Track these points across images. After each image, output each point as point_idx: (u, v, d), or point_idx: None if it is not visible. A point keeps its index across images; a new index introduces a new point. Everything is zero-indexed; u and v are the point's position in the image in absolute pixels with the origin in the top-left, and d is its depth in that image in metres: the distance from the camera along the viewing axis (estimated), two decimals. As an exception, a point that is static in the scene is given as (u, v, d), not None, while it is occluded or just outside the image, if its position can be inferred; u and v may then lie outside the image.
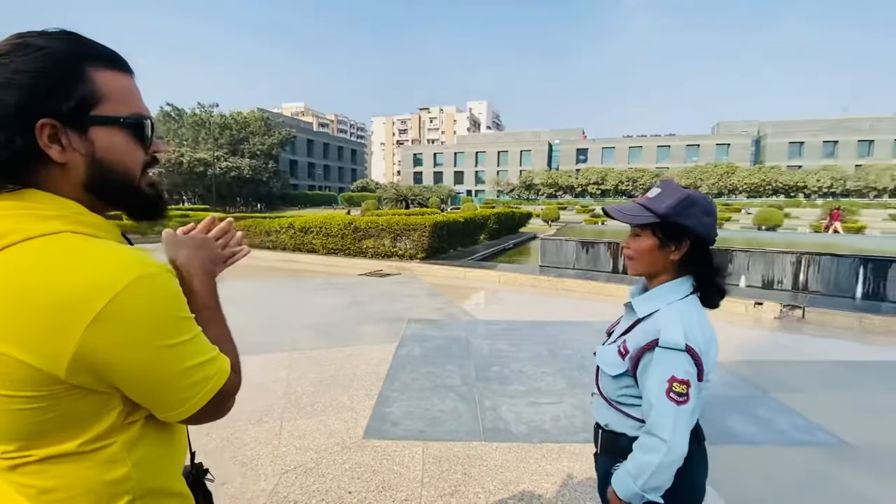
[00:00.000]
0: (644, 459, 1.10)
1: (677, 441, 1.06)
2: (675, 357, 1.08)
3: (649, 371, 1.11)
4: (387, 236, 10.95)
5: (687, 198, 1.15)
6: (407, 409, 3.44)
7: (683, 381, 1.07)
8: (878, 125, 61.11)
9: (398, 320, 5.95)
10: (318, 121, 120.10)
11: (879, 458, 2.91)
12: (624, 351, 1.19)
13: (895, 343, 5.33)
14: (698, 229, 1.15)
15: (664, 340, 1.09)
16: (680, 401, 1.07)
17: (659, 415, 1.08)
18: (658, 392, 1.09)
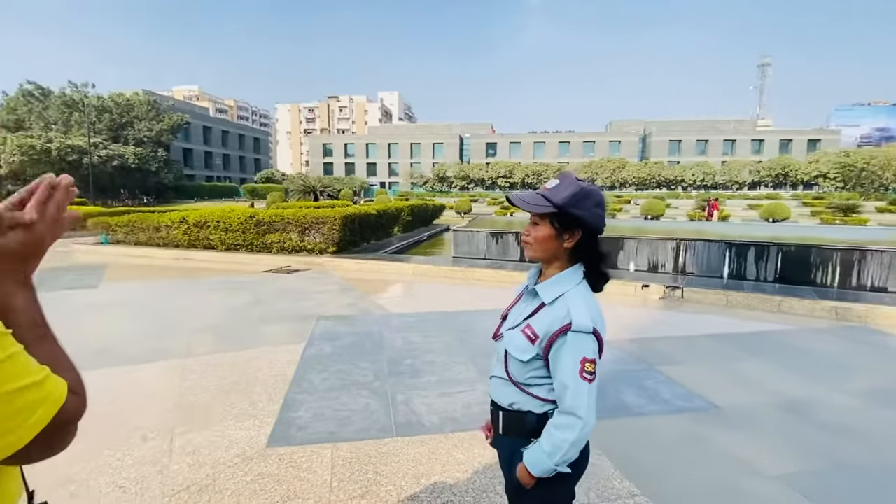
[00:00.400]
0: (561, 437, 1.17)
1: (591, 416, 1.17)
2: (586, 339, 1.17)
3: (563, 354, 1.18)
4: (294, 230, 10.43)
5: (581, 190, 1.22)
6: (315, 411, 3.29)
7: (592, 360, 1.17)
8: (739, 127, 70.42)
9: (307, 318, 5.69)
10: (216, 106, 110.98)
11: (743, 418, 3.34)
12: (533, 336, 1.23)
13: (753, 316, 6.17)
14: (590, 220, 1.23)
15: (576, 325, 1.16)
16: (591, 379, 1.17)
17: (575, 394, 1.16)
18: (573, 373, 1.16)
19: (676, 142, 67.17)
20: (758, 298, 6.56)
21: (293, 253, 10.37)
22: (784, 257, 7.84)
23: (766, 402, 3.57)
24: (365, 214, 11.42)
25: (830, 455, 2.87)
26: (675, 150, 66.91)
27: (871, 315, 5.92)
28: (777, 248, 7.92)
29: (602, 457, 2.76)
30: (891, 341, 5.17)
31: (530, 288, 1.33)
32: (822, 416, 3.36)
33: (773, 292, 6.77)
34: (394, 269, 9.12)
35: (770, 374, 4.14)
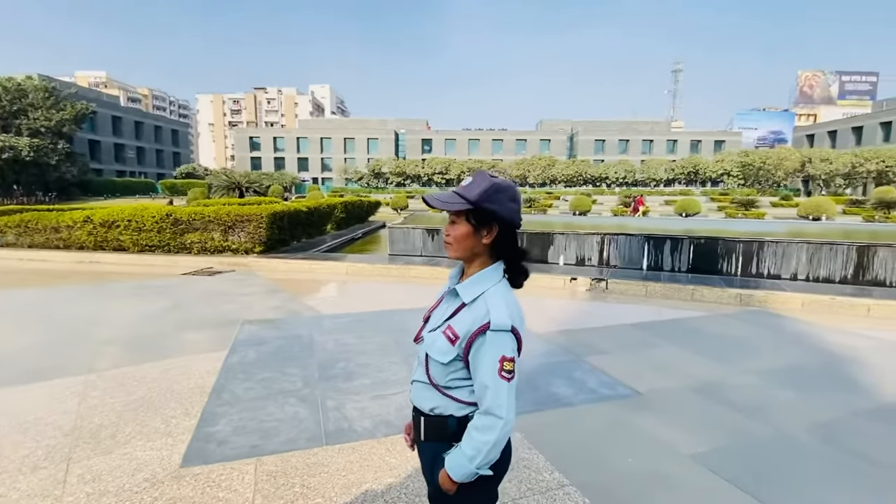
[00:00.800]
0: (482, 439, 1.15)
1: (511, 415, 1.16)
2: (504, 338, 1.16)
3: (482, 353, 1.17)
4: (216, 229, 9.78)
5: (493, 185, 1.21)
6: (237, 423, 3.07)
7: (511, 359, 1.16)
8: (656, 128, 75.66)
9: (230, 323, 5.34)
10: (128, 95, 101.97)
11: (662, 402, 3.55)
12: (453, 336, 1.21)
13: (670, 305, 6.62)
14: (505, 214, 1.22)
15: (495, 324, 1.15)
16: (510, 378, 1.16)
17: (495, 394, 1.15)
18: (492, 372, 1.15)
19: (601, 141, 70.92)
20: (673, 288, 7.05)
21: (216, 254, 9.73)
22: (695, 249, 8.49)
23: (682, 386, 3.82)
24: (294, 212, 10.95)
25: (737, 432, 3.12)
26: (600, 148, 70.63)
27: (769, 300, 6.56)
28: (689, 240, 8.56)
29: (533, 449, 2.81)
30: (786, 323, 5.75)
31: (450, 288, 1.30)
32: (730, 396, 3.64)
33: (687, 282, 7.31)
34: (326, 268, 8.82)
35: (685, 359, 4.45)
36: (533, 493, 2.42)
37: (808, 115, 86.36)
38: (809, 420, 3.27)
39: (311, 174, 71.69)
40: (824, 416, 3.34)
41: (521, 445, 2.85)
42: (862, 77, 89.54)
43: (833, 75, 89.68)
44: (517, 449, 2.80)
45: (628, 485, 2.54)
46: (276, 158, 72.92)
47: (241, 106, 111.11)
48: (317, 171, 72.50)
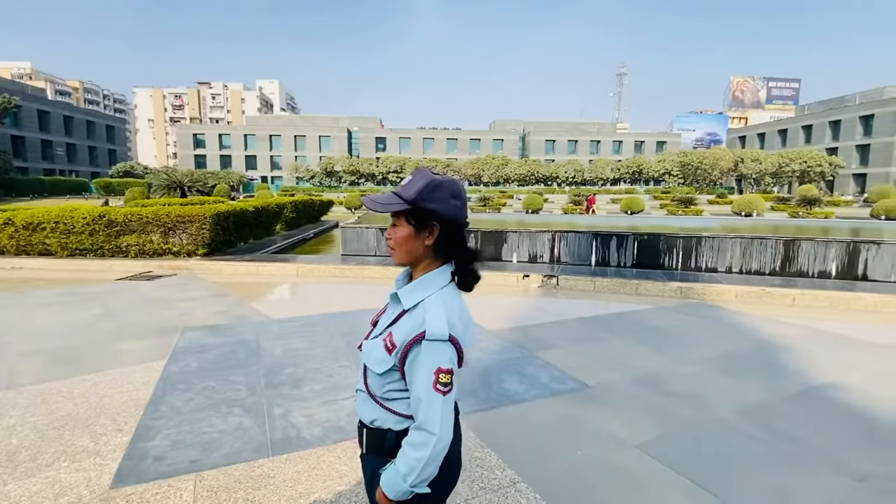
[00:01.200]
0: (415, 456, 1.08)
1: (445, 431, 1.09)
2: (440, 348, 1.08)
3: (417, 365, 1.10)
4: (156, 230, 9.23)
5: (431, 182, 1.15)
6: (175, 437, 2.89)
7: (448, 370, 1.09)
8: (602, 129, 78.54)
9: (170, 331, 5.04)
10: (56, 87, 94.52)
11: (609, 394, 3.66)
12: (391, 345, 1.15)
13: (616, 299, 6.88)
14: (446, 212, 1.15)
15: (430, 333, 1.08)
16: (445, 391, 1.08)
17: (428, 409, 1.08)
18: (426, 386, 1.08)
19: (551, 141, 72.80)
20: (619, 283, 7.32)
21: (155, 257, 9.18)
22: (639, 245, 8.86)
23: (627, 378, 3.97)
24: (241, 211, 10.52)
25: (677, 419, 3.27)
26: (551, 149, 72.49)
27: (706, 292, 6.94)
28: (634, 237, 8.93)
29: (485, 448, 2.82)
30: (721, 314, 6.10)
31: (393, 293, 1.24)
32: (671, 385, 3.82)
33: (632, 276, 7.61)
34: (275, 270, 8.53)
35: (629, 352, 4.63)
36: (485, 491, 2.42)
37: (740, 118, 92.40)
38: (741, 404, 3.47)
39: (259, 173, 69.23)
40: (754, 400, 3.56)
41: (474, 444, 2.85)
42: (787, 83, 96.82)
43: (761, 81, 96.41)
44: (470, 448, 2.80)
45: (578, 477, 2.59)
46: (222, 156, 69.88)
47: (183, 101, 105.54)
48: (266, 170, 70.11)
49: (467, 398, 3.52)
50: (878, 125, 52.71)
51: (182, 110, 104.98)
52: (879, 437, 3.07)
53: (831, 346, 4.89)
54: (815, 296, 6.66)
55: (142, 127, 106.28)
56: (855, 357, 4.56)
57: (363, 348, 1.24)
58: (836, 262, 8.14)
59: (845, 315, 6.20)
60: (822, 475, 2.63)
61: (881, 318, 6.11)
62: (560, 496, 2.42)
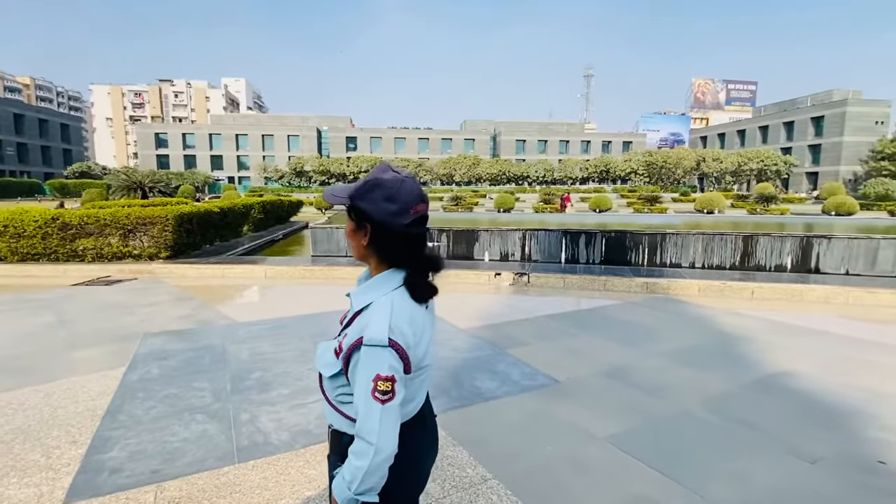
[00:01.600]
0: (356, 464, 1.05)
1: (385, 441, 1.04)
2: (380, 354, 1.03)
3: (357, 371, 1.07)
4: (114, 233, 8.85)
5: (372, 181, 1.11)
6: (135, 448, 2.78)
7: (388, 377, 1.03)
8: (571, 129, 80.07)
9: (130, 337, 4.84)
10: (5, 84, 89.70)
11: (579, 389, 3.72)
12: (339, 349, 1.12)
13: (585, 295, 7.00)
14: (375, 214, 1.10)
15: (368, 338, 1.04)
16: (385, 399, 1.03)
17: (365, 417, 1.04)
18: (364, 393, 1.04)
19: (521, 141, 73.67)
20: (588, 279, 7.46)
21: (114, 261, 8.81)
22: (607, 242, 9.06)
23: (596, 372, 4.04)
24: (205, 213, 10.20)
25: (644, 411, 3.35)
26: (521, 148, 73.36)
27: (671, 287, 7.15)
28: (602, 234, 9.12)
29: (457, 446, 2.82)
30: (685, 308, 6.30)
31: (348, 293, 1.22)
32: (637, 378, 3.91)
33: (600, 273, 7.77)
34: (242, 272, 8.32)
35: (598, 346, 4.72)
36: (456, 490, 2.42)
37: (702, 119, 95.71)
38: (704, 395, 3.59)
39: (226, 173, 67.46)
40: (716, 390, 3.69)
41: (446, 443, 2.85)
42: (744, 85, 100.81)
43: (721, 83, 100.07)
44: (442, 447, 2.79)
45: (548, 472, 2.62)
46: (186, 156, 67.74)
47: (144, 99, 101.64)
48: (233, 170, 68.36)
49: (439, 397, 3.52)
50: (827, 126, 55.59)
51: (143, 109, 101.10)
52: (829, 420, 3.23)
53: (786, 336, 5.11)
54: (772, 288, 6.96)
55: (99, 126, 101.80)
56: (808, 346, 4.78)
57: (318, 350, 1.21)
58: (791, 256, 8.52)
59: (799, 306, 6.50)
60: (779, 459, 2.75)
61: (831, 308, 6.43)
62: (530, 491, 2.44)
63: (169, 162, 66.27)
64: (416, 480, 1.24)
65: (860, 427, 3.13)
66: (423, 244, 1.17)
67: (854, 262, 8.32)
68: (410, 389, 1.15)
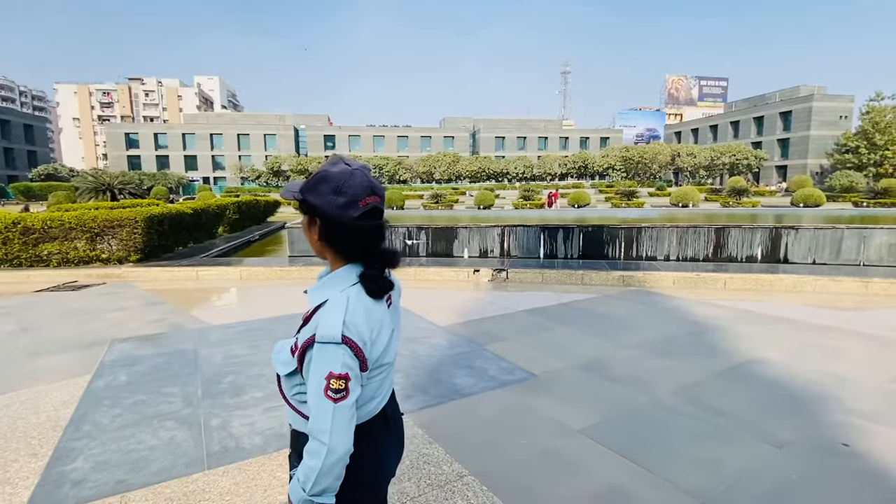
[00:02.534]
0: (309, 464, 1.02)
1: (337, 441, 1.01)
2: (333, 352, 1.00)
3: (309, 369, 1.04)
4: (81, 237, 8.56)
5: (320, 174, 1.09)
6: (100, 458, 2.68)
7: (341, 375, 1.00)
8: (549, 126, 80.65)
9: (97, 344, 4.69)
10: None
11: (555, 382, 3.74)
12: (295, 347, 1.09)
13: (563, 290, 7.06)
14: (323, 208, 1.07)
15: (320, 335, 1.01)
16: (338, 398, 1.01)
17: (318, 416, 1.01)
18: (317, 391, 1.01)
19: (500, 138, 73.92)
20: (566, 274, 7.53)
21: (81, 265, 8.52)
22: (585, 237, 9.15)
23: (572, 365, 4.07)
24: (177, 214, 9.95)
25: (619, 403, 3.39)
26: (500, 145, 73.61)
27: (647, 280, 7.27)
28: (579, 229, 9.21)
29: (433, 443, 2.80)
30: (660, 299, 6.40)
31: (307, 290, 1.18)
32: (613, 370, 3.96)
33: (578, 267, 7.85)
34: (216, 274, 8.14)
35: (575, 340, 4.76)
36: (432, 487, 2.40)
37: (676, 115, 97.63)
38: (677, 384, 3.65)
39: (201, 174, 65.98)
40: (689, 379, 3.75)
41: (422, 441, 2.83)
42: (716, 82, 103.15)
43: (694, 79, 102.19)
44: (418, 445, 2.78)
45: (523, 466, 2.63)
46: (158, 157, 66.00)
47: (112, 98, 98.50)
48: (208, 170, 66.90)
49: (417, 394, 3.50)
50: (795, 121, 57.26)
51: (112, 108, 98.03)
52: (797, 406, 3.32)
53: (757, 324, 5.24)
54: (743, 279, 7.13)
55: (66, 127, 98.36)
56: (777, 334, 4.91)
57: (275, 348, 1.18)
58: (762, 247, 8.75)
59: (769, 295, 6.67)
60: (747, 445, 2.81)
61: (799, 297, 6.62)
62: (506, 486, 2.44)
63: (141, 163, 64.47)
64: (379, 482, 1.22)
65: (825, 411, 3.23)
66: (379, 238, 1.14)
67: (820, 251, 8.58)
68: (370, 388, 1.13)
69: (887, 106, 46.83)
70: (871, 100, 48.64)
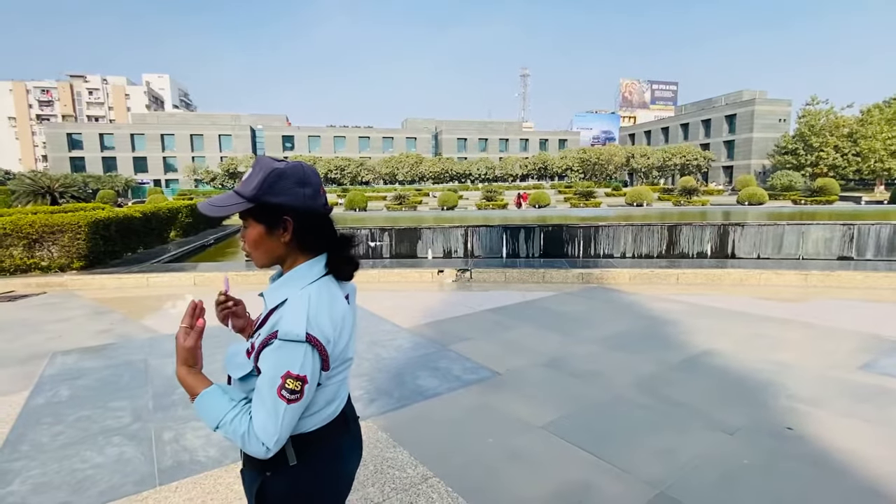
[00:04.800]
0: (237, 431, 0.98)
1: (278, 446, 0.99)
2: (294, 350, 0.97)
3: (265, 365, 0.99)
4: (17, 243, 7.99)
5: (272, 172, 1.04)
6: (40, 479, 2.50)
7: (299, 376, 0.97)
8: (510, 128, 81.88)
9: (36, 357, 4.38)
10: None
11: (517, 380, 3.79)
12: (251, 348, 1.05)
13: (525, 288, 7.16)
14: (294, 203, 1.05)
15: (283, 332, 0.97)
16: (292, 399, 0.97)
17: (266, 415, 0.96)
18: (269, 388, 0.97)
19: (463, 140, 74.40)
20: (527, 273, 7.65)
21: (18, 274, 7.95)
22: (545, 236, 9.33)
23: (534, 362, 4.14)
24: (125, 218, 9.45)
25: (579, 397, 3.46)
26: (462, 147, 74.08)
27: (604, 276, 7.48)
28: (540, 229, 9.38)
29: (397, 447, 2.77)
30: (616, 296, 6.60)
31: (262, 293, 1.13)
32: (573, 366, 4.04)
33: (539, 266, 7.99)
34: (168, 280, 7.77)
35: (536, 337, 4.83)
36: (396, 491, 2.38)
37: (630, 118, 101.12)
38: (634, 377, 3.77)
39: (151, 176, 62.99)
40: (646, 372, 3.88)
41: (386, 445, 2.80)
42: (667, 86, 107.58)
43: (646, 83, 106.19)
44: (382, 450, 2.74)
45: (487, 464, 2.64)
46: (105, 158, 62.53)
47: (52, 96, 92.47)
48: (159, 173, 63.94)
49: (381, 398, 3.45)
50: (739, 123, 60.52)
51: (52, 107, 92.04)
52: (745, 394, 3.49)
53: (707, 317, 5.49)
54: (694, 274, 7.45)
55: (0, 126, 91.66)
56: (726, 326, 5.16)
57: (228, 353, 1.13)
58: (711, 243, 9.18)
59: (718, 289, 7.01)
60: (701, 433, 2.93)
61: (745, 290, 6.99)
62: (470, 486, 2.44)
63: (85, 165, 60.86)
64: (341, 486, 1.19)
65: (771, 397, 3.41)
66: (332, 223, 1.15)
67: (764, 246, 9.10)
68: (330, 389, 1.10)
69: (821, 110, 50.19)
70: (807, 104, 51.97)
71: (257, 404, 0.98)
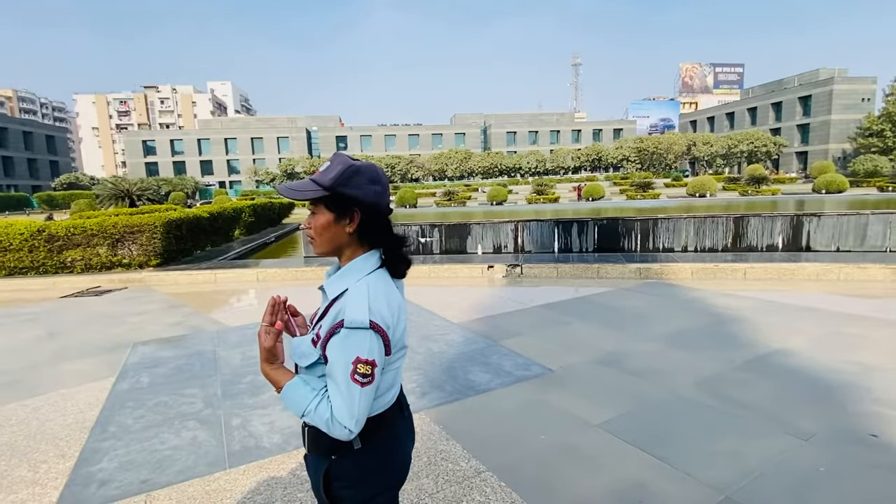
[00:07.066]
0: (320, 419, 1.06)
1: (359, 427, 1.06)
2: (360, 336, 1.03)
3: (335, 353, 1.05)
4: (102, 243, 8.76)
5: (350, 167, 1.12)
6: (125, 458, 2.74)
7: (368, 361, 1.03)
8: (561, 119, 79.96)
9: (119, 347, 4.79)
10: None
11: (572, 377, 3.71)
12: (317, 338, 1.11)
13: (579, 283, 6.99)
14: (366, 198, 1.12)
15: (349, 320, 1.03)
16: (364, 382, 1.04)
17: (343, 401, 1.03)
18: (343, 375, 1.03)
19: (512, 133, 73.54)
20: (581, 268, 7.45)
21: (104, 271, 8.72)
22: (600, 230, 9.05)
23: (590, 359, 4.03)
24: (194, 218, 10.11)
25: (637, 396, 3.34)
26: (512, 140, 73.23)
27: (664, 271, 7.16)
28: (594, 222, 9.11)
29: (450, 440, 2.80)
30: (678, 291, 6.30)
31: (321, 286, 1.20)
32: (631, 363, 3.90)
33: (594, 261, 7.76)
34: (233, 276, 8.25)
35: (592, 334, 4.71)
36: (450, 484, 2.40)
37: (691, 103, 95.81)
38: (697, 377, 3.59)
39: (216, 178, 67.03)
40: (709, 371, 3.68)
41: (439, 437, 2.83)
42: (732, 68, 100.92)
43: (708, 67, 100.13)
44: (435, 441, 2.78)
45: (541, 461, 2.61)
46: (175, 163, 67.25)
47: (129, 107, 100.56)
48: (223, 175, 67.93)
49: (433, 391, 3.50)
50: (815, 105, 55.78)
51: (129, 116, 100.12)
52: (822, 397, 3.23)
53: (779, 314, 5.12)
54: (764, 268, 6.97)
55: (86, 136, 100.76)
56: (799, 324, 4.79)
57: (293, 344, 1.19)
58: (782, 235, 8.55)
59: (791, 285, 6.52)
60: (771, 437, 2.75)
61: (822, 285, 6.45)
62: (524, 481, 2.42)
63: (158, 169, 65.73)
64: (400, 468, 1.24)
65: (853, 401, 3.14)
66: (391, 222, 1.21)
67: (844, 238, 8.35)
68: (389, 376, 1.16)
69: (913, 86, 45.30)
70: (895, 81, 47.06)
71: (333, 391, 1.05)
